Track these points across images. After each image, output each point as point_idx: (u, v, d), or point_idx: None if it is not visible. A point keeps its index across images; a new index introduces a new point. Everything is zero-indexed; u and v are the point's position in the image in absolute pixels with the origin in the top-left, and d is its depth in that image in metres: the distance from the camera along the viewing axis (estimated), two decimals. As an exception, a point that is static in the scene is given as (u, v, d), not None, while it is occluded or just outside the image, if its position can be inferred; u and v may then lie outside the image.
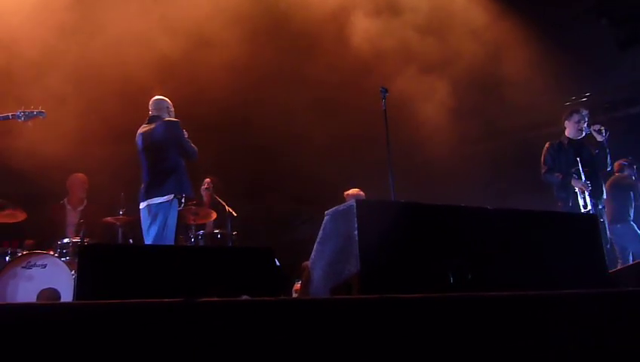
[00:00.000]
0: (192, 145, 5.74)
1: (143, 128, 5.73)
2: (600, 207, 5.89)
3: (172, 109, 5.85)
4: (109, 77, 6.48)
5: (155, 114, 5.77)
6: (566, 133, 6.17)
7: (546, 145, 6.21)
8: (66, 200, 6.73)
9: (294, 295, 6.09)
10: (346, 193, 7.05)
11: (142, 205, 5.54)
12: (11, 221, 5.75)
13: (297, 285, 6.36)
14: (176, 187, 5.46)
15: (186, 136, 5.73)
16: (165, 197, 5.39)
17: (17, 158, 5.93)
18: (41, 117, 4.75)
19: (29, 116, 4.67)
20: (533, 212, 4.01)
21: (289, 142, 8.07)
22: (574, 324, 2.58)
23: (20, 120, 4.65)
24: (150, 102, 5.85)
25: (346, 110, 7.58)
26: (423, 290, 2.66)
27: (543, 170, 6.14)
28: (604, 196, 6.01)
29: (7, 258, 5.36)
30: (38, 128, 5.75)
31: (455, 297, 2.55)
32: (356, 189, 7.09)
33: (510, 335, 2.45)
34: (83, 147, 6.53)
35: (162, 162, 5.52)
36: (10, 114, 4.61)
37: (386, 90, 5.38)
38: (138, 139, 5.72)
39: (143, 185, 5.60)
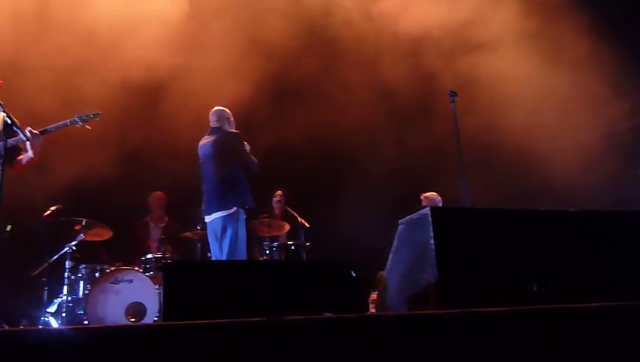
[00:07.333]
0: (254, 158, 5.68)
1: (205, 140, 5.70)
2: None
3: (232, 120, 5.82)
4: (173, 92, 6.73)
5: (217, 125, 5.71)
6: None
7: None
8: (149, 217, 7.04)
9: (371, 306, 6.06)
10: (423, 195, 6.91)
11: (207, 218, 5.54)
12: (99, 239, 6.09)
13: (373, 295, 6.32)
14: (239, 199, 5.42)
15: (248, 150, 5.69)
16: (230, 210, 5.36)
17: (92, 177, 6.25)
18: (97, 118, 4.76)
19: (86, 120, 4.68)
20: (620, 212, 3.80)
21: (360, 151, 8.08)
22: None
23: (77, 125, 4.68)
24: (211, 113, 5.80)
25: (416, 115, 7.54)
26: (505, 299, 2.58)
27: None
28: None
29: (97, 274, 5.66)
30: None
31: (540, 310, 2.44)
32: (433, 193, 6.94)
33: (599, 350, 2.33)
34: (155, 163, 6.78)
35: (224, 175, 5.47)
36: (67, 121, 4.63)
37: (455, 94, 5.23)
38: (199, 151, 5.74)
39: (205, 198, 5.60)
